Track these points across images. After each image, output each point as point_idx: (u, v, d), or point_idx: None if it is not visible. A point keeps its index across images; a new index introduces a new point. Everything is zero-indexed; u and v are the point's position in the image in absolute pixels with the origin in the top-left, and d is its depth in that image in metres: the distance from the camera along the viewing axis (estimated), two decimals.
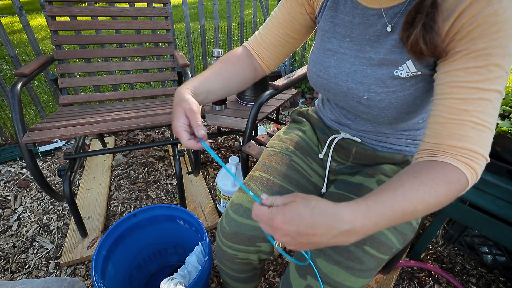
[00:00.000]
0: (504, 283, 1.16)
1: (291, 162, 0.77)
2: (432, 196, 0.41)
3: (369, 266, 0.58)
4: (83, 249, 1.24)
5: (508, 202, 0.96)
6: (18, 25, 5.20)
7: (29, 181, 1.68)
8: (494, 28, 0.39)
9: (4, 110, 2.14)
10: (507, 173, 1.02)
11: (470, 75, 0.42)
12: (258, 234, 0.70)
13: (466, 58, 0.42)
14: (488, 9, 0.39)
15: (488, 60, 0.40)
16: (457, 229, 1.22)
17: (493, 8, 0.39)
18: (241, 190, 0.77)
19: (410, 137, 0.67)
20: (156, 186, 1.64)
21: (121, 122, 1.15)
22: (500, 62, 0.40)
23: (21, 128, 1.03)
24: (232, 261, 0.75)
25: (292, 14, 0.66)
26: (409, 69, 0.52)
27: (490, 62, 0.40)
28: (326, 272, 0.58)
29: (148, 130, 2.14)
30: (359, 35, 0.57)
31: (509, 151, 0.98)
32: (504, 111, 0.99)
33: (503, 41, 0.40)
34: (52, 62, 1.42)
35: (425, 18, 0.45)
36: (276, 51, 0.71)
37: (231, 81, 0.68)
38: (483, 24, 0.40)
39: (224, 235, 0.72)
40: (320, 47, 0.65)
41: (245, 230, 0.70)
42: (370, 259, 0.58)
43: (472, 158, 0.42)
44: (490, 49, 0.40)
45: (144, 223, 1.01)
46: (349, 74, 0.59)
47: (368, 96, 0.57)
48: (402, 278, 1.18)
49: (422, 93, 0.54)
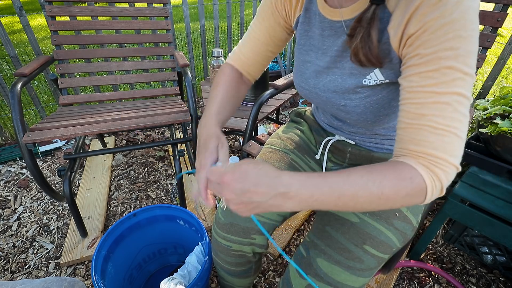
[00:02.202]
0: (504, 283, 1.16)
1: (290, 160, 0.79)
2: (376, 186, 0.40)
3: (369, 266, 0.58)
4: (83, 249, 1.24)
5: (508, 202, 0.96)
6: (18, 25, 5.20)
7: (29, 181, 1.68)
8: (441, 31, 0.39)
9: (4, 110, 2.14)
10: (507, 173, 1.02)
11: (423, 79, 0.41)
12: (253, 226, 0.72)
13: (418, 63, 0.42)
14: (434, 13, 0.39)
15: (439, 63, 0.40)
16: (457, 229, 1.22)
17: (439, 12, 0.39)
18: None
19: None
20: (156, 186, 1.64)
21: (121, 122, 1.15)
22: (453, 64, 0.39)
23: (21, 128, 1.03)
24: (226, 253, 0.76)
25: (271, 32, 0.69)
26: (377, 77, 0.52)
27: (442, 65, 0.40)
28: (327, 271, 0.58)
29: (148, 130, 2.14)
30: (330, 47, 0.58)
31: (509, 151, 0.98)
32: (504, 111, 0.99)
33: (453, 43, 0.39)
34: (52, 62, 1.42)
35: (364, 31, 0.47)
36: (261, 65, 0.74)
37: (236, 104, 0.72)
38: (430, 28, 0.40)
39: (219, 226, 0.75)
40: (299, 59, 0.67)
41: (240, 221, 0.72)
42: (370, 258, 0.58)
43: (433, 162, 0.41)
44: (440, 53, 0.39)
45: (144, 223, 1.01)
46: (325, 84, 0.61)
47: (345, 103, 0.59)
48: (402, 278, 1.18)
49: (396, 95, 0.55)
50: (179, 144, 1.39)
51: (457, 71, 0.39)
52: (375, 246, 0.59)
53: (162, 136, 2.12)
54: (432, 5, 0.39)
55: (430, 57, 0.40)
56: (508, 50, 1.46)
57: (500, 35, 4.50)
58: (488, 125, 1.00)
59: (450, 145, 0.40)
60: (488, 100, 1.11)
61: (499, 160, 1.02)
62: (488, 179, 1.04)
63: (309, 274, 0.59)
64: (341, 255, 0.58)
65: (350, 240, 0.59)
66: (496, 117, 1.00)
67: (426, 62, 0.41)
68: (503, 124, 0.94)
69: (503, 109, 0.99)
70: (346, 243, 0.59)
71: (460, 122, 0.40)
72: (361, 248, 0.58)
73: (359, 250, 0.58)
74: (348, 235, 0.60)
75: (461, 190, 1.04)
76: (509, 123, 0.94)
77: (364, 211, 0.61)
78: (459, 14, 0.38)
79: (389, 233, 0.60)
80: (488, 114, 1.03)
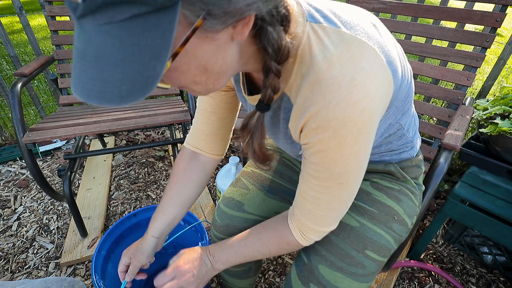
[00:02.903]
0: (504, 283, 1.16)
1: (282, 158, 0.80)
2: (265, 249, 0.58)
3: (371, 270, 0.58)
4: (83, 249, 1.24)
5: (508, 202, 0.96)
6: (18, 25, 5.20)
7: (29, 181, 1.68)
8: (320, 155, 0.43)
9: (4, 110, 2.14)
10: (507, 173, 1.02)
11: (309, 176, 0.47)
12: (250, 225, 0.72)
13: (307, 165, 0.46)
14: (314, 137, 0.41)
15: (319, 174, 0.45)
16: (457, 229, 1.22)
17: (317, 138, 0.41)
18: (233, 184, 0.79)
19: (383, 150, 0.63)
20: (156, 186, 1.64)
21: (121, 122, 1.15)
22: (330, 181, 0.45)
23: (21, 128, 1.03)
24: None
25: (217, 99, 0.64)
26: None
27: (321, 176, 0.45)
28: (329, 279, 0.57)
29: (148, 130, 2.14)
30: (267, 122, 0.56)
31: (509, 151, 0.98)
32: (504, 111, 0.99)
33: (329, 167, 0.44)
34: (52, 62, 1.42)
35: (248, 137, 0.47)
36: (219, 136, 0.69)
37: (188, 198, 0.71)
38: (311, 148, 0.43)
39: (216, 228, 0.75)
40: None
41: (236, 222, 0.72)
42: (372, 263, 0.58)
43: (307, 229, 0.52)
44: (320, 167, 0.44)
45: (144, 223, 1.01)
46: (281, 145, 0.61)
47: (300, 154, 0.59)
48: (402, 278, 1.18)
49: None
50: (179, 144, 1.39)
51: (333, 180, 0.45)
52: (376, 251, 0.59)
53: (162, 136, 2.12)
54: (313, 129, 0.41)
55: (313, 167, 0.45)
56: (508, 50, 1.46)
57: (500, 35, 4.50)
58: (488, 125, 1.00)
59: (324, 221, 0.51)
60: (488, 100, 1.11)
61: (499, 160, 1.02)
62: (488, 179, 1.04)
63: (312, 282, 0.59)
64: (343, 261, 0.58)
65: (351, 246, 0.59)
66: (496, 117, 1.00)
67: (311, 169, 0.46)
68: (503, 124, 0.94)
69: (503, 109, 1.00)
70: (347, 249, 0.59)
71: (331, 210, 0.50)
72: (362, 254, 0.58)
73: (361, 255, 0.58)
74: (349, 240, 0.59)
75: (461, 190, 1.04)
76: (509, 123, 0.94)
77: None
78: (336, 143, 0.40)
79: (389, 236, 0.60)
80: (488, 114, 1.03)
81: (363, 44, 0.38)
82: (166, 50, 0.29)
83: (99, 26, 0.28)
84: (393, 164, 0.65)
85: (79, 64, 0.30)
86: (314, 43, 0.39)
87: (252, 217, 0.73)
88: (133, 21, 0.27)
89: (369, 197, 0.64)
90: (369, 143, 0.43)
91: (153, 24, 0.28)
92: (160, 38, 0.28)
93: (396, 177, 0.67)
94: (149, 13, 0.27)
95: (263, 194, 0.75)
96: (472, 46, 1.10)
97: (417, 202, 0.67)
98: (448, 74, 1.08)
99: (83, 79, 0.30)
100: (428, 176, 0.79)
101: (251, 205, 0.74)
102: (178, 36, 0.30)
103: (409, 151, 0.65)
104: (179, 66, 0.34)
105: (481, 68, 3.06)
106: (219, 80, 0.40)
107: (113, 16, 0.27)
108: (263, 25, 0.37)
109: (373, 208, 0.62)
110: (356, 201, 0.64)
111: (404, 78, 0.47)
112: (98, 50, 0.29)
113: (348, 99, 0.37)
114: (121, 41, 0.28)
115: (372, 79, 0.38)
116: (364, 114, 0.38)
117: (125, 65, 0.29)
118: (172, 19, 0.28)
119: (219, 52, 0.36)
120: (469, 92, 2.25)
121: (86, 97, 0.30)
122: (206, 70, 0.37)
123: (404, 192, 0.66)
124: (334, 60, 0.37)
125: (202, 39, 0.33)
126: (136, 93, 0.29)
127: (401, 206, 0.63)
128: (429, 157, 1.06)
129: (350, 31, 0.39)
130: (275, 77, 0.40)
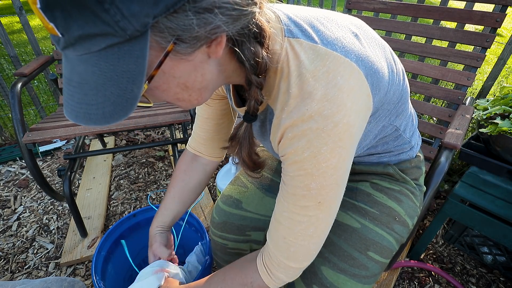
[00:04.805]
0: (504, 283, 1.16)
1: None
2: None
3: (373, 272, 0.58)
4: (83, 249, 1.24)
5: (508, 202, 0.96)
6: (18, 25, 5.20)
7: (29, 181, 1.68)
8: (295, 166, 0.41)
9: (4, 110, 2.13)
10: (507, 173, 1.02)
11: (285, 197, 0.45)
12: (247, 223, 0.73)
13: (284, 180, 0.45)
14: (290, 148, 0.41)
15: (294, 189, 0.43)
16: (457, 229, 1.22)
17: (292, 148, 0.40)
18: (232, 183, 0.80)
19: (380, 151, 0.63)
20: (156, 186, 1.64)
21: (121, 122, 1.15)
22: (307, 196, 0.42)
23: (21, 128, 1.03)
24: (224, 251, 0.77)
25: (212, 106, 0.65)
26: None
27: (296, 192, 0.43)
28: (332, 281, 0.57)
29: (148, 130, 2.14)
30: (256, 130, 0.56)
31: (509, 151, 0.98)
32: (504, 111, 0.99)
33: (305, 181, 0.41)
34: (52, 62, 1.42)
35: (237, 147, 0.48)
36: (216, 140, 0.71)
37: (189, 197, 0.73)
38: (288, 160, 0.42)
39: (214, 225, 0.76)
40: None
41: (234, 219, 0.73)
42: (374, 265, 0.58)
43: (276, 266, 0.48)
44: (295, 182, 0.42)
45: (144, 223, 1.01)
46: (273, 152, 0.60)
47: None
48: (402, 278, 1.18)
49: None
50: (179, 144, 1.39)
51: (309, 198, 0.42)
52: (379, 252, 0.59)
53: (162, 136, 2.12)
54: (288, 139, 0.41)
55: (289, 182, 0.43)
56: (508, 50, 1.46)
57: (500, 35, 4.50)
58: (488, 125, 1.00)
59: (298, 253, 0.47)
60: (488, 100, 1.11)
61: (499, 160, 1.02)
62: (488, 179, 1.04)
63: (315, 284, 0.58)
64: (346, 262, 0.58)
65: (354, 247, 0.59)
66: (496, 117, 1.00)
67: (287, 184, 0.44)
68: (503, 124, 0.94)
69: (503, 109, 1.00)
70: (350, 250, 0.58)
71: (306, 237, 0.45)
72: (365, 255, 0.58)
73: (364, 257, 0.58)
74: (351, 242, 0.59)
75: (461, 190, 1.04)
76: (509, 123, 0.94)
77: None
78: (310, 153, 0.39)
79: (390, 237, 0.60)
80: (488, 114, 1.03)
81: (339, 59, 0.39)
82: (141, 74, 0.31)
83: (79, 56, 0.31)
84: (391, 166, 0.65)
85: (67, 89, 0.33)
86: (291, 59, 0.40)
87: (249, 215, 0.74)
88: (108, 50, 0.30)
89: (370, 198, 0.64)
90: (348, 158, 0.42)
91: (127, 52, 0.30)
92: (134, 64, 0.31)
93: (396, 179, 0.67)
94: (121, 43, 0.30)
95: (261, 193, 0.76)
96: (472, 46, 1.10)
97: (418, 203, 0.67)
98: (448, 74, 1.08)
99: (71, 102, 0.33)
100: (428, 175, 0.79)
101: (249, 203, 0.74)
102: (152, 60, 0.33)
103: (408, 152, 0.65)
104: (159, 85, 0.37)
105: (481, 68, 3.06)
106: (201, 95, 0.42)
107: (90, 48, 0.30)
108: (235, 43, 0.38)
109: (374, 209, 0.62)
110: (357, 202, 0.64)
111: (393, 82, 0.47)
112: (81, 77, 0.32)
113: (321, 112, 0.37)
114: (100, 68, 0.31)
115: (348, 94, 0.38)
116: (339, 127, 0.38)
117: (106, 89, 0.31)
118: (143, 46, 0.30)
119: (197, 70, 0.38)
120: (469, 92, 2.25)
121: (75, 118, 0.33)
122: (187, 88, 0.39)
123: (405, 192, 0.65)
124: (309, 76, 0.38)
125: (177, 61, 0.35)
126: (118, 113, 0.32)
127: (402, 207, 0.63)
128: (430, 157, 1.06)
129: (327, 47, 0.39)
130: (256, 89, 0.41)
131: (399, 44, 1.17)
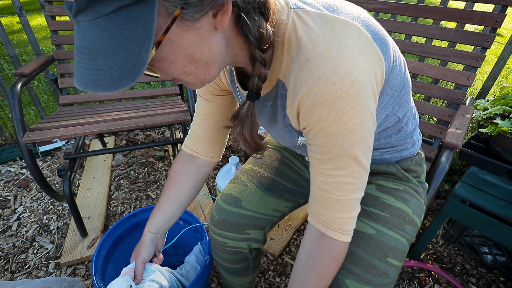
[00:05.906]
0: (504, 283, 1.16)
1: (282, 157, 0.80)
2: (328, 278, 0.53)
3: (393, 278, 0.58)
4: (83, 249, 1.24)
5: (508, 202, 0.96)
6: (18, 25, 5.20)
7: (29, 181, 1.68)
8: (324, 132, 0.42)
9: (4, 110, 2.13)
10: (507, 173, 1.02)
11: (321, 164, 0.46)
12: (246, 221, 0.73)
13: (315, 151, 0.46)
14: (313, 115, 0.41)
15: (330, 154, 0.44)
16: (457, 229, 1.22)
17: (316, 115, 0.41)
18: (232, 181, 0.80)
19: (382, 145, 0.63)
20: (156, 186, 1.64)
21: (121, 122, 1.15)
22: (341, 155, 0.44)
23: (21, 128, 1.03)
24: (223, 249, 0.77)
25: (214, 102, 0.65)
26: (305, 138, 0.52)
27: (332, 156, 0.44)
28: None
29: (148, 130, 2.14)
30: (262, 109, 0.56)
31: (509, 151, 0.98)
32: (504, 111, 0.99)
33: (337, 141, 0.42)
34: (52, 62, 1.42)
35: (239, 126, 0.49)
36: (214, 139, 0.70)
37: (184, 198, 0.73)
38: (314, 129, 0.43)
39: (213, 223, 0.76)
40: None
41: (233, 217, 0.73)
42: (394, 271, 0.58)
43: (342, 223, 0.49)
44: (328, 147, 0.44)
45: (143, 223, 0.99)
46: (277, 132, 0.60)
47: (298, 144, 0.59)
48: (402, 278, 1.18)
49: None
50: (179, 144, 1.39)
51: (346, 157, 0.44)
52: (396, 256, 0.58)
53: (162, 136, 2.12)
54: (308, 108, 0.41)
55: (321, 150, 0.45)
56: (508, 50, 1.46)
57: (500, 35, 4.50)
58: (488, 125, 1.00)
59: (352, 206, 0.49)
60: (488, 100, 1.11)
61: (499, 160, 1.02)
62: (488, 179, 1.04)
63: None
64: (369, 272, 0.57)
65: (373, 255, 0.58)
66: (496, 117, 1.00)
67: (320, 153, 0.45)
68: (503, 124, 0.94)
69: (503, 109, 1.00)
70: (370, 259, 0.58)
71: (356, 190, 0.48)
72: (385, 262, 0.57)
73: (384, 264, 0.57)
74: (370, 250, 0.59)
75: (461, 190, 1.04)
76: (509, 123, 0.94)
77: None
78: (335, 116, 0.40)
79: (404, 239, 0.60)
80: (488, 114, 1.03)
81: (347, 23, 0.40)
82: (149, 38, 0.32)
83: (90, 21, 0.32)
84: (394, 164, 0.65)
85: (78, 57, 0.34)
86: (299, 27, 0.41)
87: (249, 213, 0.74)
88: (118, 13, 0.31)
89: (378, 201, 0.64)
90: (371, 114, 0.43)
91: (135, 15, 0.31)
92: (142, 27, 0.31)
93: (399, 177, 0.67)
94: (131, 5, 0.31)
95: (261, 191, 0.76)
96: (472, 46, 1.10)
97: (423, 200, 0.68)
98: (448, 74, 1.08)
99: (81, 70, 0.34)
100: (429, 175, 0.79)
101: (249, 201, 0.74)
102: (160, 26, 0.33)
103: (410, 149, 0.65)
104: (167, 56, 0.37)
105: (481, 68, 3.06)
106: (209, 70, 0.42)
107: (101, 11, 0.31)
108: (241, 13, 0.39)
109: (384, 212, 0.62)
110: (367, 207, 0.64)
111: (396, 63, 0.48)
112: (91, 43, 0.33)
113: (337, 72, 0.38)
114: (109, 32, 0.32)
115: (359, 54, 0.39)
116: (356, 85, 0.39)
117: (114, 53, 0.32)
118: (152, 9, 0.31)
119: (204, 42, 0.38)
120: (469, 92, 2.25)
121: (84, 85, 0.34)
122: (194, 60, 0.39)
123: (409, 191, 0.66)
124: (319, 39, 0.39)
125: (184, 29, 0.35)
126: (125, 79, 0.33)
127: (409, 207, 0.63)
128: (430, 157, 1.06)
129: (333, 14, 0.41)
130: (260, 65, 0.42)
131: (399, 44, 1.17)
